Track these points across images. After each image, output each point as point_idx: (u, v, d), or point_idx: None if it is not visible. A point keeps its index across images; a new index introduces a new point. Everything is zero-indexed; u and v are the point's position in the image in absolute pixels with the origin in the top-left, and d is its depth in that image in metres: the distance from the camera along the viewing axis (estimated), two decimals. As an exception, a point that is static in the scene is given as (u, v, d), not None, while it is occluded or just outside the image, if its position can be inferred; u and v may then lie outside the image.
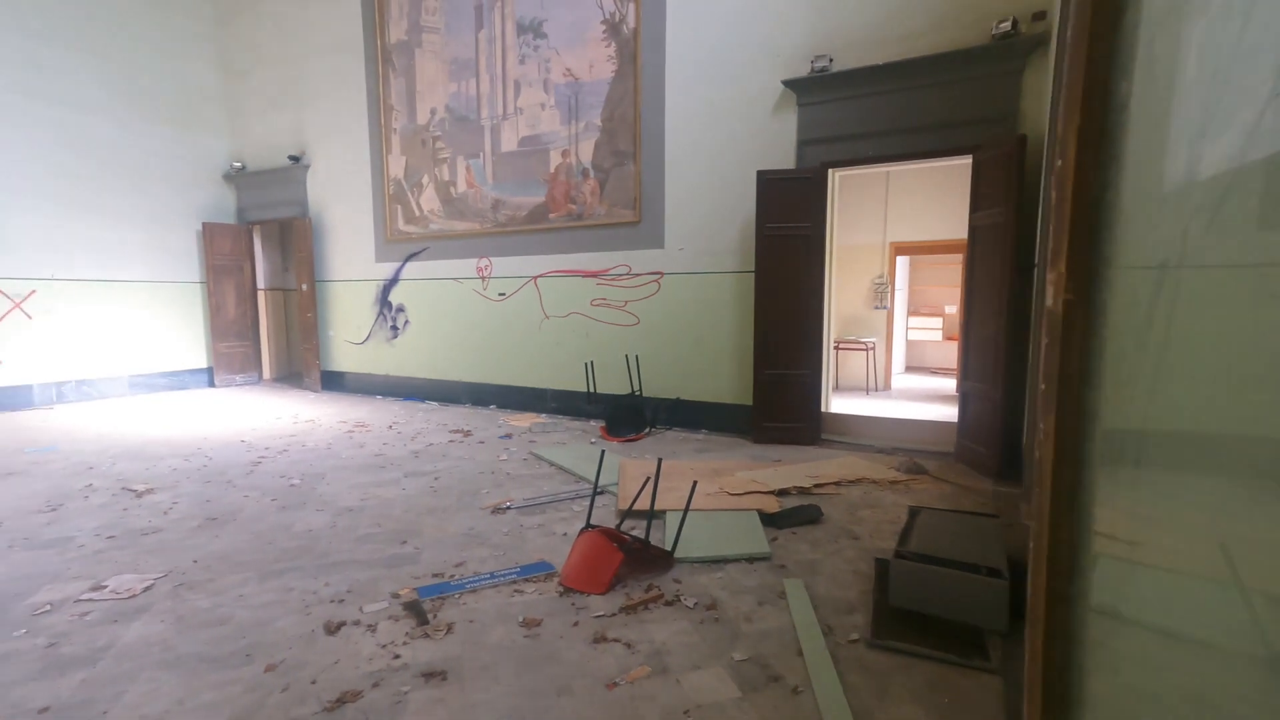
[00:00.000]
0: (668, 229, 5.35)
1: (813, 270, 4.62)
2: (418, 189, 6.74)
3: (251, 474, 4.08)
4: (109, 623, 2.19)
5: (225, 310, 7.99)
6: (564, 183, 5.83)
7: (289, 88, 7.55)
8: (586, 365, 5.46)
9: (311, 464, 4.31)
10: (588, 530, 2.68)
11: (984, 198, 3.84)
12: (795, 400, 4.72)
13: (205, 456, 4.54)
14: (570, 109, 5.73)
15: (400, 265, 6.97)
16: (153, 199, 7.38)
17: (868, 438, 4.75)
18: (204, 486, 3.81)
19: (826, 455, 4.41)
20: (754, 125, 4.86)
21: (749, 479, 3.67)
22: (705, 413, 5.30)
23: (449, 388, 6.77)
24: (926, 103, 4.14)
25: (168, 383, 7.63)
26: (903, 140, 4.26)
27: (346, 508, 3.42)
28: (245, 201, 8.11)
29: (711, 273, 5.18)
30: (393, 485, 3.83)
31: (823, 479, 3.70)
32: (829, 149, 4.54)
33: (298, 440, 5.04)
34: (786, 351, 4.70)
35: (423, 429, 5.46)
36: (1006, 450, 3.70)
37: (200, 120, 7.83)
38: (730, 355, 5.15)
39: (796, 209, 4.57)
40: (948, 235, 6.74)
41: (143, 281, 7.34)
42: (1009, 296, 3.58)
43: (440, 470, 4.14)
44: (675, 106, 5.19)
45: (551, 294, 6.01)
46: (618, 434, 5.01)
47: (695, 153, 5.14)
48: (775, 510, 3.19)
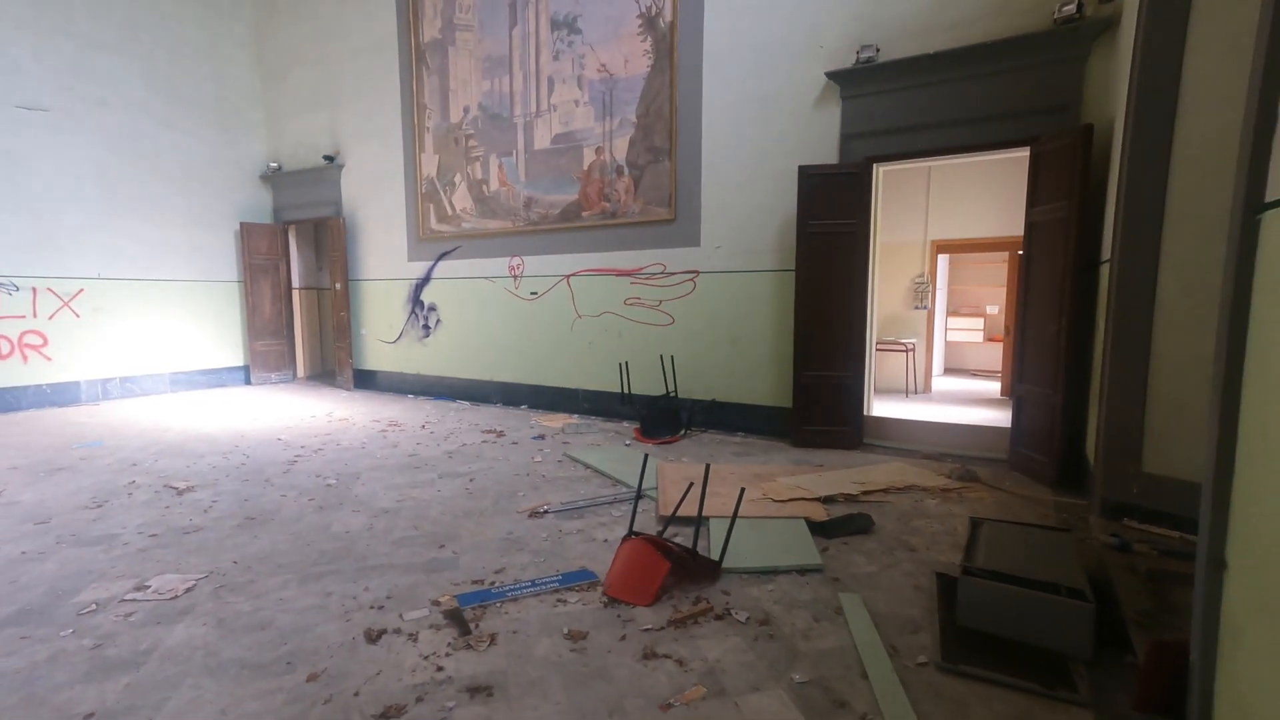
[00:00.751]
0: (704, 227, 5.23)
1: (856, 269, 4.46)
2: (450, 188, 6.73)
3: (288, 473, 4.09)
4: (153, 624, 2.17)
5: (261, 309, 8.11)
6: (597, 180, 5.75)
7: (325, 89, 7.62)
8: (621, 366, 5.38)
9: (347, 463, 4.31)
10: (631, 538, 2.59)
11: (1043, 192, 3.64)
12: (837, 403, 4.56)
13: (243, 454, 4.57)
14: (604, 105, 5.65)
15: (432, 264, 6.97)
16: (193, 199, 7.52)
17: (913, 443, 4.57)
18: (242, 485, 3.82)
19: (871, 461, 4.24)
20: (795, 119, 4.71)
21: (793, 485, 3.54)
22: (742, 415, 5.17)
23: (481, 387, 6.76)
24: (980, 93, 3.95)
25: (206, 380, 7.77)
26: (953, 133, 4.08)
27: (383, 509, 3.39)
28: (281, 201, 8.22)
29: (749, 271, 5.05)
30: (428, 486, 3.79)
31: (870, 486, 3.55)
32: (874, 143, 4.38)
33: (332, 439, 5.06)
34: (828, 353, 4.54)
35: (455, 429, 5.44)
36: (1066, 458, 3.50)
37: (239, 122, 7.96)
38: (768, 356, 5.02)
39: (840, 206, 4.41)
40: (993, 233, 6.49)
41: (183, 280, 7.49)
42: (1071, 296, 3.38)
43: (475, 471, 4.09)
44: (713, 101, 5.06)
45: (584, 293, 5.94)
46: (653, 436, 4.91)
47: (733, 148, 5.01)
48: (824, 519, 3.06)
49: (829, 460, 4.31)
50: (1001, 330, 8.40)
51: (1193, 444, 2.43)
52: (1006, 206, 6.39)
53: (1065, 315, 3.39)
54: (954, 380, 7.90)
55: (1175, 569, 2.14)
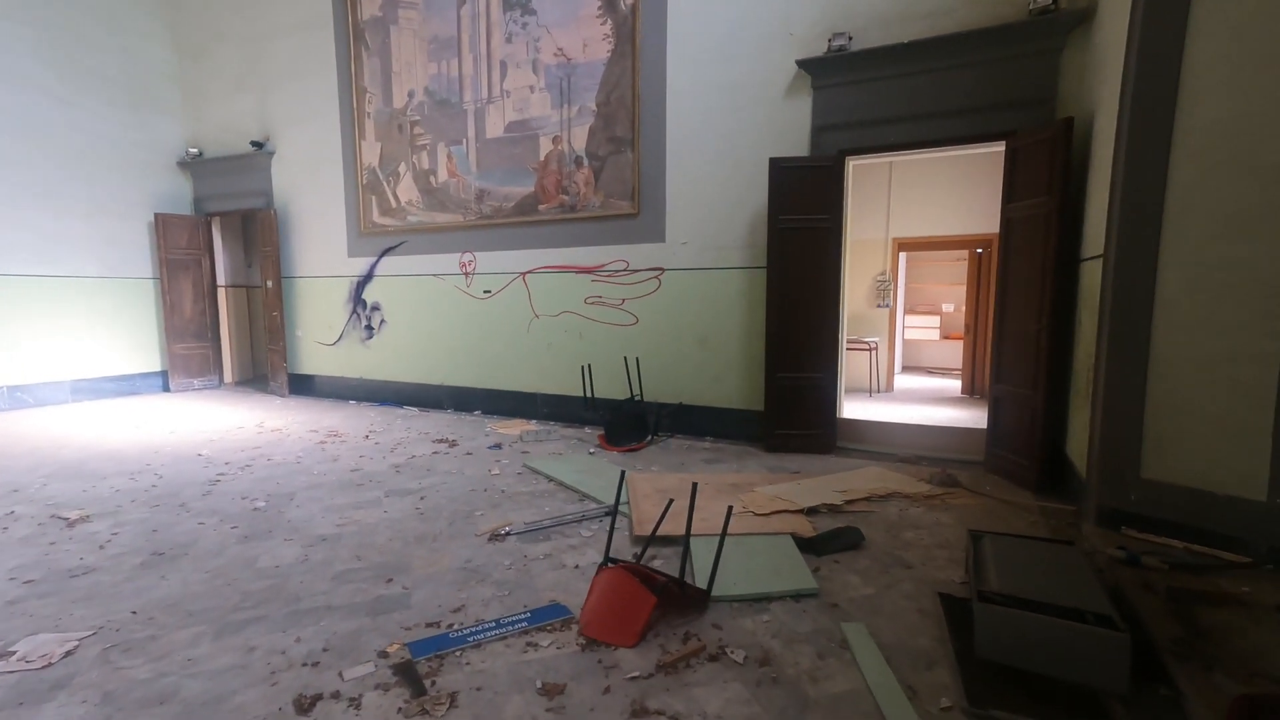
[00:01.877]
0: (669, 222, 4.98)
1: (828, 267, 4.30)
2: (394, 178, 6.25)
3: (209, 495, 3.60)
4: (12, 706, 1.74)
5: (181, 308, 7.37)
6: (555, 172, 5.41)
7: (252, 68, 6.96)
8: (583, 369, 5.07)
9: (279, 482, 3.84)
10: (608, 565, 2.31)
11: (1021, 188, 3.56)
12: (810, 406, 4.40)
13: (155, 474, 4.02)
14: (562, 92, 5.32)
15: (375, 260, 6.46)
16: (98, 187, 6.73)
17: (887, 445, 4.46)
18: (152, 512, 3.31)
19: (847, 466, 4.09)
20: (765, 110, 4.52)
21: (773, 495, 3.33)
22: (711, 419, 4.95)
23: (430, 392, 6.31)
24: (955, 85, 3.84)
25: (116, 388, 6.99)
26: (928, 126, 3.96)
27: (320, 536, 2.98)
28: (203, 191, 7.49)
29: (717, 268, 4.83)
30: (373, 507, 3.39)
31: (853, 495, 3.38)
32: (847, 135, 4.23)
33: (263, 453, 4.55)
34: (801, 354, 4.37)
35: (403, 439, 5.00)
36: (1047, 461, 3.43)
37: (152, 102, 7.19)
38: (738, 357, 4.81)
39: (813, 200, 4.25)
40: (954, 231, 6.51)
41: (88, 277, 6.69)
42: (1053, 294, 3.30)
43: (426, 488, 3.71)
44: (678, 90, 4.82)
45: (542, 291, 5.59)
46: (618, 443, 4.63)
47: (700, 140, 4.78)
48: (810, 533, 2.85)
49: (804, 466, 4.13)
50: (957, 328, 8.52)
51: (1196, 449, 2.34)
52: (968, 204, 6.42)
53: (1046, 314, 3.31)
54: (912, 378, 7.95)
55: (1195, 586, 2.03)
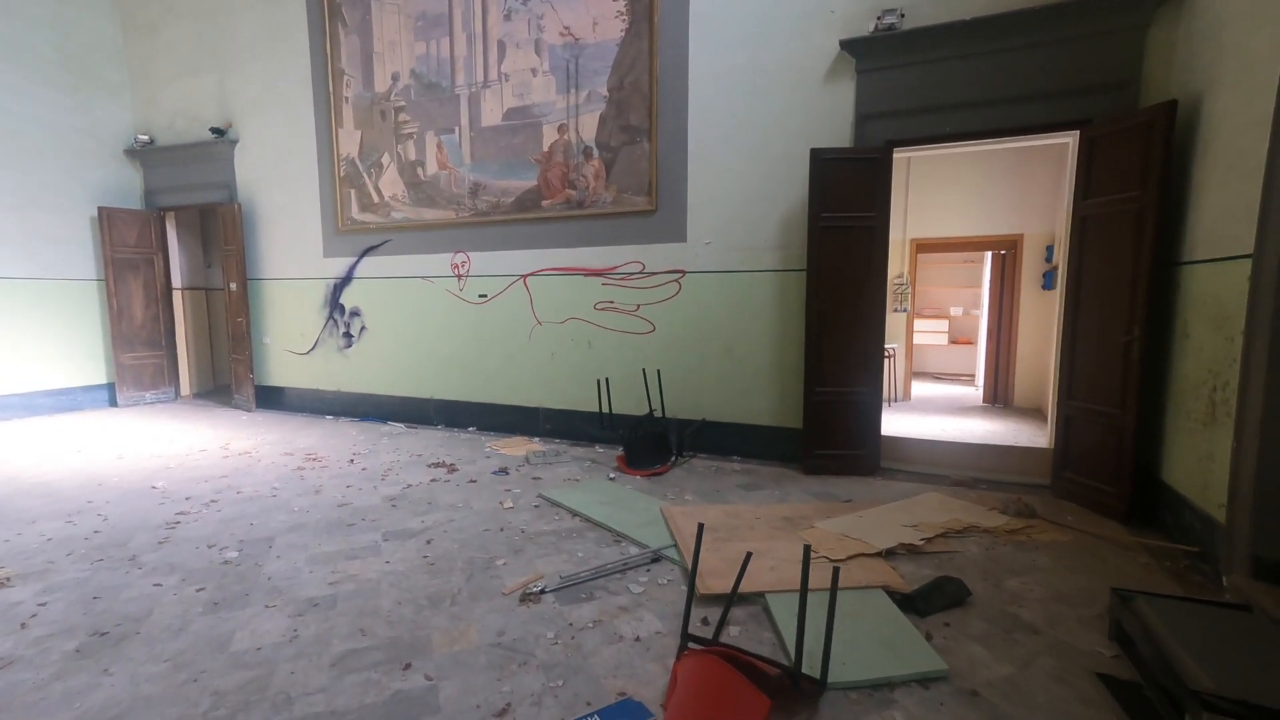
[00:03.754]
0: (691, 220, 4.52)
1: (874, 269, 3.91)
2: (377, 170, 5.64)
3: (166, 543, 2.99)
4: None
5: (130, 313, 6.60)
6: (561, 164, 4.90)
7: (210, 46, 6.25)
8: (599, 383, 4.57)
9: (252, 523, 3.25)
10: (694, 651, 1.83)
11: (1101, 181, 3.21)
12: (852, 424, 4.00)
13: (98, 515, 3.38)
14: (569, 76, 4.81)
15: (355, 261, 5.84)
16: (28, 176, 5.93)
17: (934, 465, 4.09)
18: (93, 570, 2.70)
19: (899, 491, 3.70)
20: (801, 96, 4.10)
21: (840, 534, 2.90)
22: (737, 437, 4.51)
23: (417, 406, 5.72)
24: (1021, 68, 3.48)
25: (53, 403, 6.19)
26: (987, 114, 3.60)
27: (310, 600, 2.43)
28: (155, 183, 6.73)
29: (745, 271, 4.39)
30: (371, 555, 2.84)
31: (928, 531, 2.97)
32: (894, 124, 3.84)
33: (230, 484, 3.93)
34: (843, 366, 3.97)
35: (393, 462, 4.43)
36: (1141, 489, 3.07)
37: (93, 83, 6.40)
38: (768, 369, 4.39)
39: (858, 196, 3.84)
40: (975, 231, 6.21)
41: (16, 278, 5.89)
42: (1147, 301, 2.95)
43: (431, 528, 3.17)
44: (701, 73, 4.36)
45: (545, 296, 5.07)
46: (639, 465, 4.15)
47: (726, 129, 4.33)
48: (901, 584, 2.43)
49: (852, 492, 3.73)
50: (965, 333, 8.29)
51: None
52: (990, 204, 6.13)
53: (1140, 323, 2.96)
54: (921, 385, 7.67)
55: None
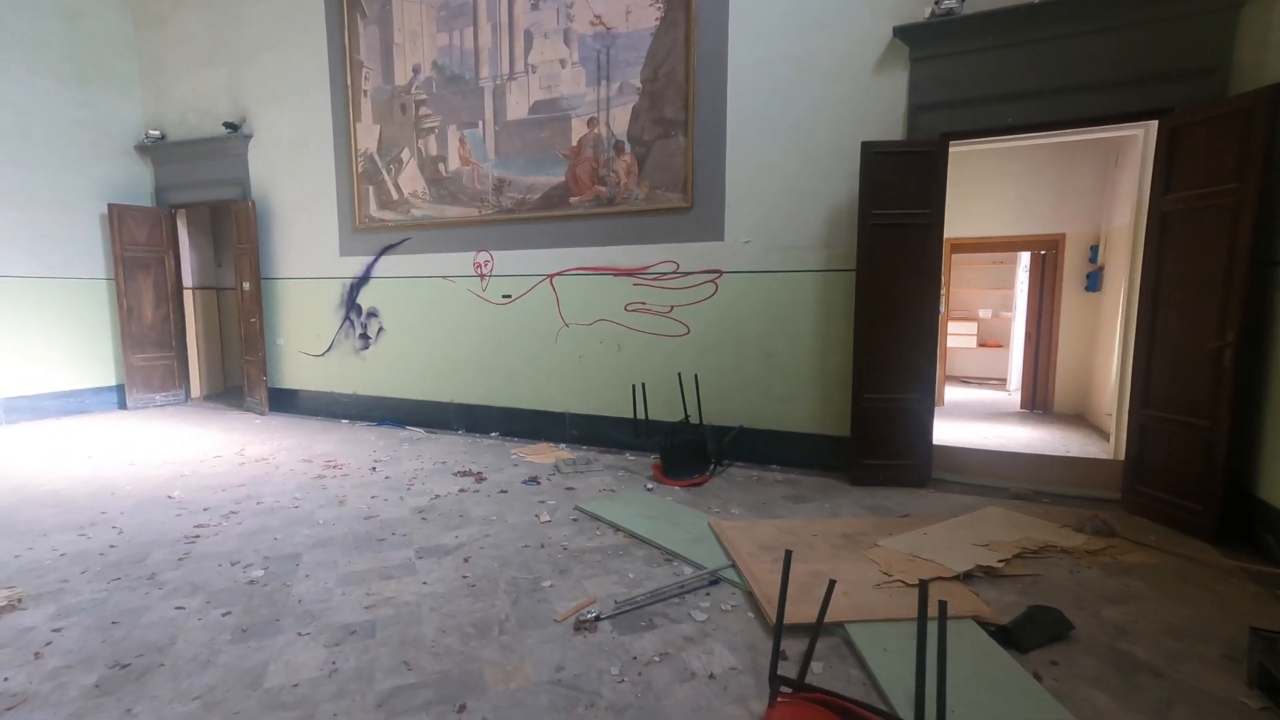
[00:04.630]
0: (729, 217, 4.32)
1: (928, 269, 3.70)
2: (396, 166, 5.45)
3: (186, 560, 2.80)
4: None
5: (140, 313, 6.42)
6: (590, 159, 4.71)
7: (223, 37, 6.07)
8: (635, 388, 4.37)
9: (276, 537, 3.05)
10: (790, 699, 1.63)
11: (1186, 174, 3.00)
12: (903, 432, 3.79)
13: (112, 527, 3.19)
14: (599, 67, 4.61)
15: (373, 260, 5.65)
16: (37, 173, 5.76)
17: (990, 477, 3.88)
18: (110, 589, 2.51)
19: (955, 504, 3.50)
20: (848, 86, 3.90)
21: (908, 554, 2.70)
22: (777, 444, 4.31)
23: (436, 410, 5.52)
24: (1092, 54, 3.27)
25: (62, 406, 6.01)
26: (1053, 104, 3.39)
27: (347, 627, 2.23)
28: (166, 180, 6.55)
29: (787, 271, 4.19)
30: (406, 575, 2.64)
31: (1000, 549, 2.76)
32: (951, 116, 3.63)
33: (249, 493, 3.73)
34: (894, 371, 3.76)
35: (417, 470, 4.23)
36: (1232, 506, 2.86)
37: (103, 76, 6.23)
38: (811, 373, 4.18)
39: (911, 192, 3.64)
40: (1015, 230, 5.99)
41: (24, 277, 5.71)
42: (1244, 303, 2.74)
43: (466, 543, 2.97)
44: (741, 63, 4.16)
45: (573, 296, 4.87)
46: (677, 475, 3.95)
47: (767, 122, 4.13)
48: (989, 613, 2.22)
49: (906, 504, 3.52)
50: (994, 336, 8.07)
51: None
52: (1030, 201, 5.91)
53: (1234, 328, 2.75)
54: (952, 389, 7.46)
55: None
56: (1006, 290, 7.78)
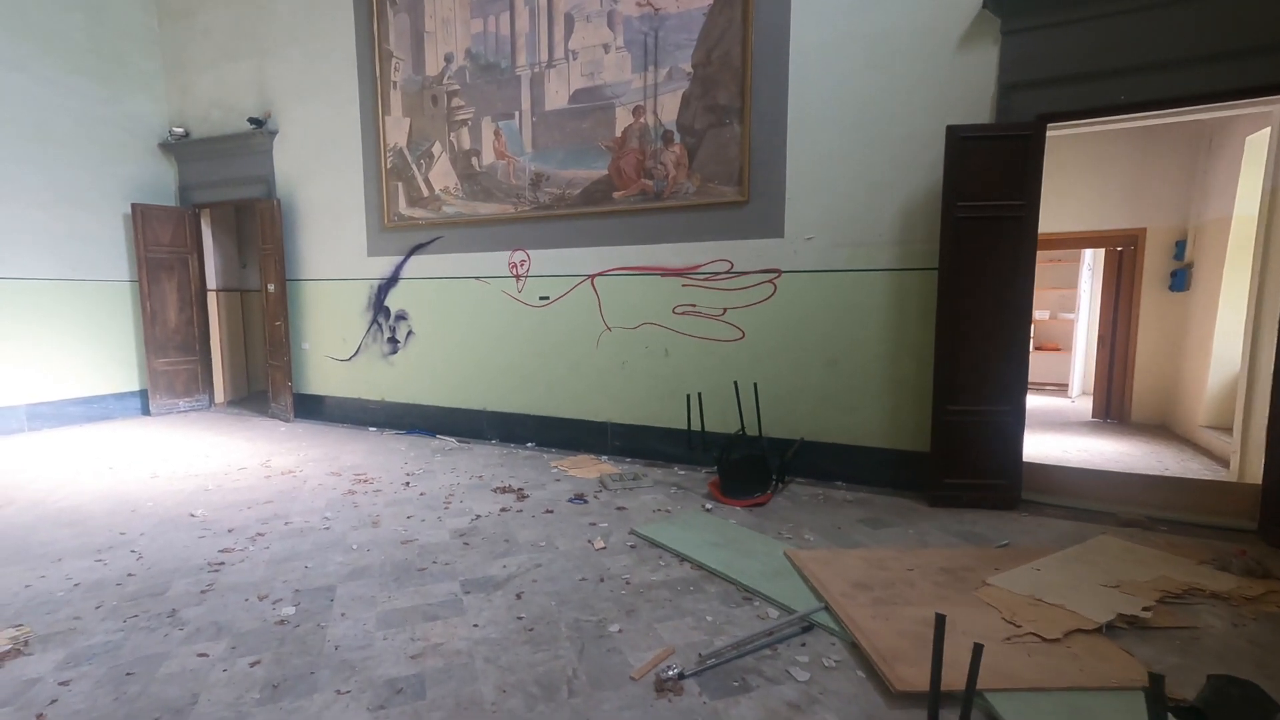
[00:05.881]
0: (789, 212, 3.97)
1: (1021, 268, 3.32)
2: (427, 161, 5.17)
3: (209, 593, 2.52)
4: None
5: (164, 317, 6.23)
6: (636, 150, 4.38)
7: (248, 30, 5.85)
8: (689, 398, 4.04)
9: (307, 565, 2.77)
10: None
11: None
12: (990, 448, 3.41)
13: (131, 551, 2.94)
14: (647, 51, 4.29)
15: (402, 260, 5.38)
16: (60, 172, 5.58)
17: (1088, 499, 3.48)
18: (125, 629, 2.23)
19: (1058, 531, 3.11)
20: (927, 65, 3.53)
21: (1028, 597, 2.33)
22: (840, 459, 3.95)
23: (468, 419, 5.24)
24: (1225, 20, 2.87)
25: (85, 412, 5.83)
26: (1176, 79, 2.99)
27: (391, 683, 1.92)
28: (190, 178, 6.36)
29: (854, 270, 3.83)
30: (453, 614, 2.33)
31: (1135, 591, 2.38)
32: (1049, 95, 3.25)
33: (276, 511, 3.46)
34: (981, 381, 3.39)
35: (453, 485, 3.94)
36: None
37: (126, 72, 6.04)
38: (880, 383, 3.82)
39: (1003, 181, 3.26)
40: (1088, 225, 5.54)
41: (47, 279, 5.53)
42: None
43: (516, 575, 2.66)
44: (805, 43, 3.81)
45: (616, 298, 4.56)
46: (737, 494, 3.60)
47: (834, 106, 3.77)
48: (1142, 674, 1.84)
49: (998, 530, 3.14)
50: (1050, 338, 7.61)
51: None
52: (1105, 193, 5.47)
53: None
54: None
55: None
56: (1066, 290, 7.30)
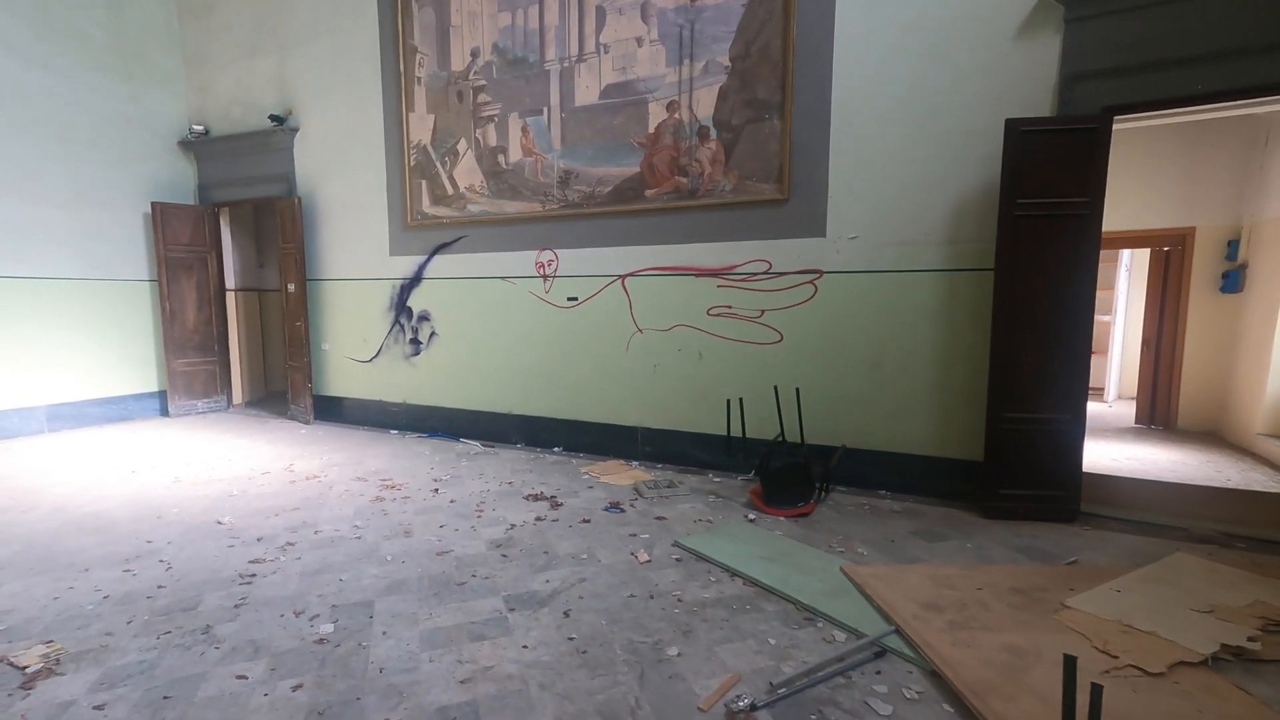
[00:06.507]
0: (832, 210, 3.82)
1: (1084, 268, 3.16)
2: (452, 158, 5.06)
3: (243, 607, 2.41)
4: None
5: (183, 317, 6.15)
6: (670, 147, 4.25)
7: (269, 25, 5.76)
8: (729, 402, 3.90)
9: (341, 578, 2.65)
10: None
11: None
12: (1049, 457, 3.26)
13: (160, 561, 2.83)
14: (682, 44, 4.15)
15: (425, 260, 5.27)
16: (81, 170, 5.51)
17: (1153, 512, 3.32)
18: (159, 647, 2.12)
19: (1126, 546, 2.95)
20: (985, 56, 3.37)
21: (1115, 621, 2.18)
22: (884, 467, 3.80)
23: (492, 422, 5.12)
24: (1311, 10, 2.71)
25: (105, 413, 5.76)
26: (1255, 66, 2.82)
27: (443, 711, 1.80)
28: (209, 176, 6.28)
29: (901, 271, 3.68)
30: (499, 633, 2.21)
31: (1232, 617, 2.22)
32: (1115, 86, 3.09)
33: (304, 519, 3.35)
34: (1040, 387, 3.23)
35: (483, 492, 3.82)
36: None
37: (147, 69, 5.97)
38: (928, 388, 3.67)
39: (1065, 177, 3.10)
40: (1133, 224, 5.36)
41: (67, 279, 5.46)
42: None
43: (561, 591, 2.53)
44: (851, 33, 3.66)
45: (648, 299, 4.42)
46: (779, 503, 3.46)
47: (881, 100, 3.63)
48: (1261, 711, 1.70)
49: (1057, 544, 2.99)
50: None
51: None
52: (1152, 191, 5.29)
53: None
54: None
55: None
56: (1103, 291, 7.10)
